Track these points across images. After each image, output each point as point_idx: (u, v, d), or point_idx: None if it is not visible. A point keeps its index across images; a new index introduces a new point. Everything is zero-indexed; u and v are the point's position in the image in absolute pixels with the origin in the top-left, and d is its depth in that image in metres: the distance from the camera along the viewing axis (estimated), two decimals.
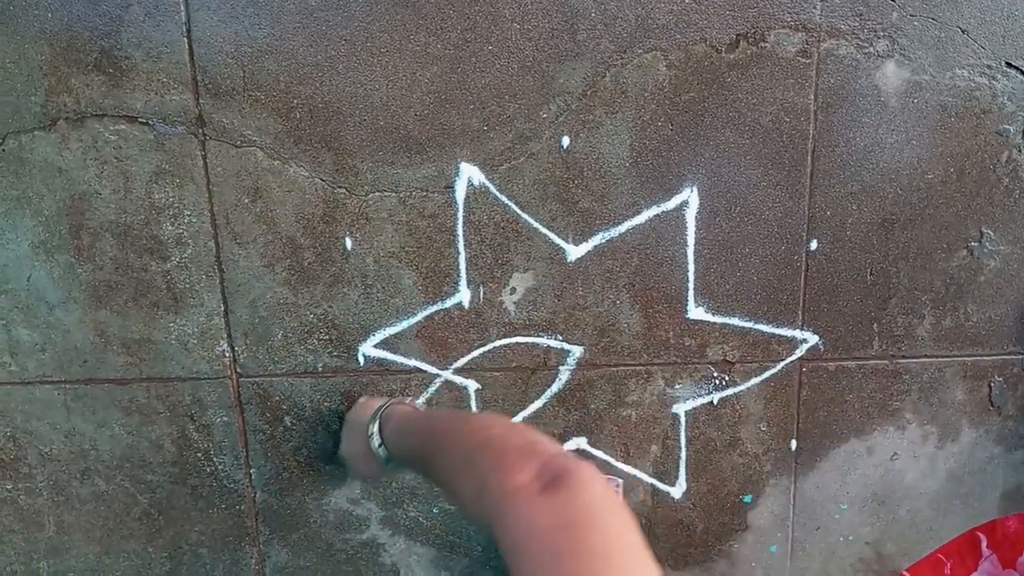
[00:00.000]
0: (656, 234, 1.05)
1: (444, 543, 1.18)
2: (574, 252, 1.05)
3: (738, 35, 0.98)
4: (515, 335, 1.08)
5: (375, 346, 1.07)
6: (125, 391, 1.08)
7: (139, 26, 0.94)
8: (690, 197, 1.04)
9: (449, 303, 1.06)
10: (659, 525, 1.18)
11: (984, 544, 0.89)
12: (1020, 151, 1.05)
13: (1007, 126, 1.03)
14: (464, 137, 0.99)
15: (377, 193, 1.01)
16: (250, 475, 1.12)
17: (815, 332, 1.10)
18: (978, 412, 1.16)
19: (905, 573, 0.92)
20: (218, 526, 1.15)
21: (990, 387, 1.15)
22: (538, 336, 1.08)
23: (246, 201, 1.00)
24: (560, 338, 1.08)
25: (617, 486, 1.04)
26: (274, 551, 1.17)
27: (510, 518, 0.56)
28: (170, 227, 1.01)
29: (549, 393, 1.11)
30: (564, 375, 1.10)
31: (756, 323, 1.09)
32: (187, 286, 1.03)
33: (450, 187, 1.01)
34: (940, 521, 1.18)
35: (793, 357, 1.12)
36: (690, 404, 1.13)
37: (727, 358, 1.11)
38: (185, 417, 1.09)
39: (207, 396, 1.08)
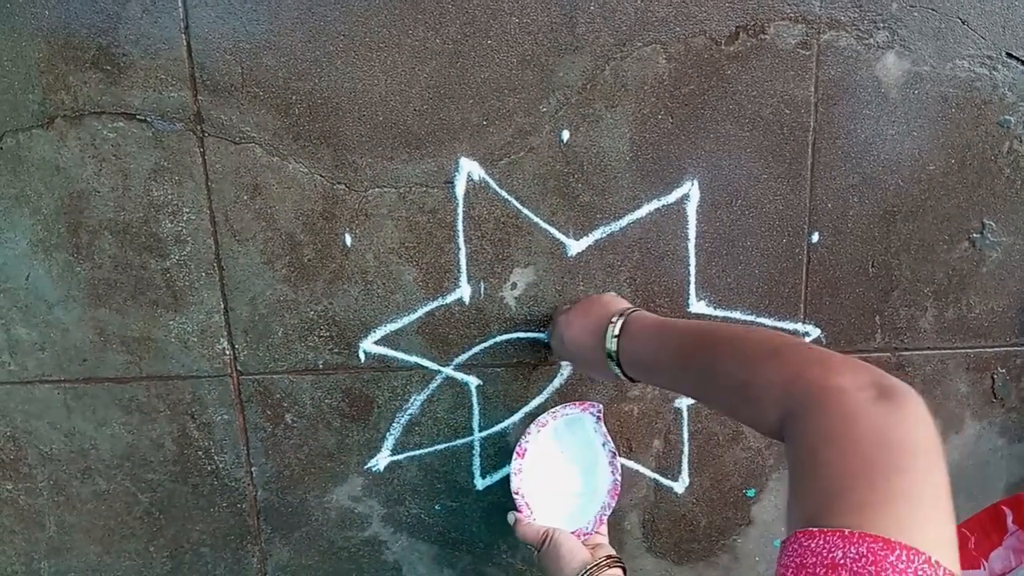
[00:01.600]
0: (657, 228, 1.04)
1: (447, 540, 1.17)
2: (575, 247, 1.05)
3: (738, 27, 0.98)
4: (516, 330, 1.07)
5: (376, 342, 1.07)
6: (125, 390, 1.07)
7: (137, 23, 0.93)
8: (691, 190, 1.03)
9: (450, 299, 1.05)
10: (662, 520, 1.18)
11: (1010, 519, 0.88)
12: (1021, 141, 1.04)
13: (1008, 117, 1.03)
14: (463, 132, 0.99)
15: (377, 189, 1.01)
16: (251, 473, 1.12)
17: (817, 325, 1.10)
18: (981, 404, 1.16)
19: None
20: (219, 524, 1.14)
21: (993, 379, 1.15)
22: (539, 331, 1.07)
23: (245, 198, 1.00)
24: None
25: (598, 410, 1.03)
26: (276, 549, 1.16)
27: (834, 407, 0.52)
28: (169, 224, 1.01)
29: (551, 388, 1.10)
30: (565, 370, 1.09)
31: (758, 316, 1.09)
32: (187, 284, 1.03)
33: (450, 182, 1.01)
34: None
35: None
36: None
37: None
38: (185, 415, 1.09)
39: (207, 394, 1.08)
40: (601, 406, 1.02)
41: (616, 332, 0.81)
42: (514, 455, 1.01)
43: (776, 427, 0.58)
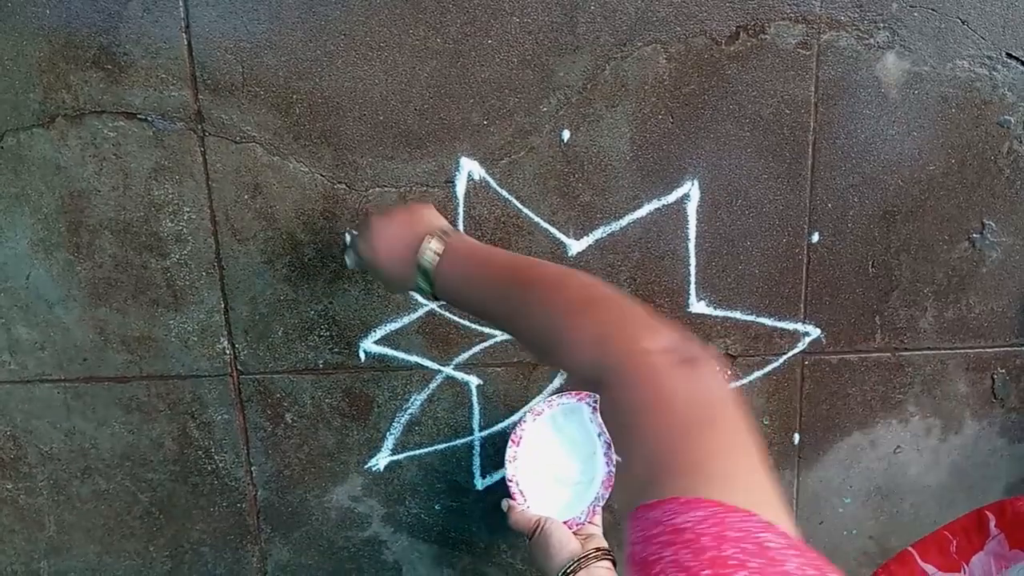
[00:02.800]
0: (657, 228, 1.04)
1: (446, 540, 1.17)
2: (575, 246, 1.05)
3: (738, 27, 0.98)
4: None
5: (376, 342, 1.07)
6: (125, 389, 1.07)
7: (137, 22, 0.93)
8: (691, 190, 1.03)
9: None
10: None
11: (992, 524, 0.88)
12: (1021, 142, 1.04)
13: (1008, 117, 1.03)
14: (464, 131, 0.99)
15: (377, 188, 1.01)
16: (251, 473, 1.12)
17: (817, 325, 1.10)
18: (981, 404, 1.16)
19: (911, 549, 0.92)
20: (219, 524, 1.14)
21: (993, 379, 1.15)
22: None
23: (246, 197, 1.00)
24: None
25: (595, 400, 1.03)
26: (275, 549, 1.16)
27: (643, 374, 0.55)
28: (169, 224, 1.01)
29: (550, 388, 1.10)
30: (558, 380, 1.09)
31: (758, 316, 1.09)
32: (187, 283, 1.03)
33: (450, 182, 1.01)
34: (944, 514, 1.18)
35: (795, 350, 1.11)
36: None
37: (729, 352, 1.11)
38: (186, 415, 1.09)
39: (208, 394, 1.08)
40: (597, 396, 1.02)
41: (436, 249, 0.78)
42: (509, 443, 1.01)
43: (585, 383, 0.61)
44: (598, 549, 0.92)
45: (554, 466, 1.04)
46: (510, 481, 1.00)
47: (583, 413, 1.02)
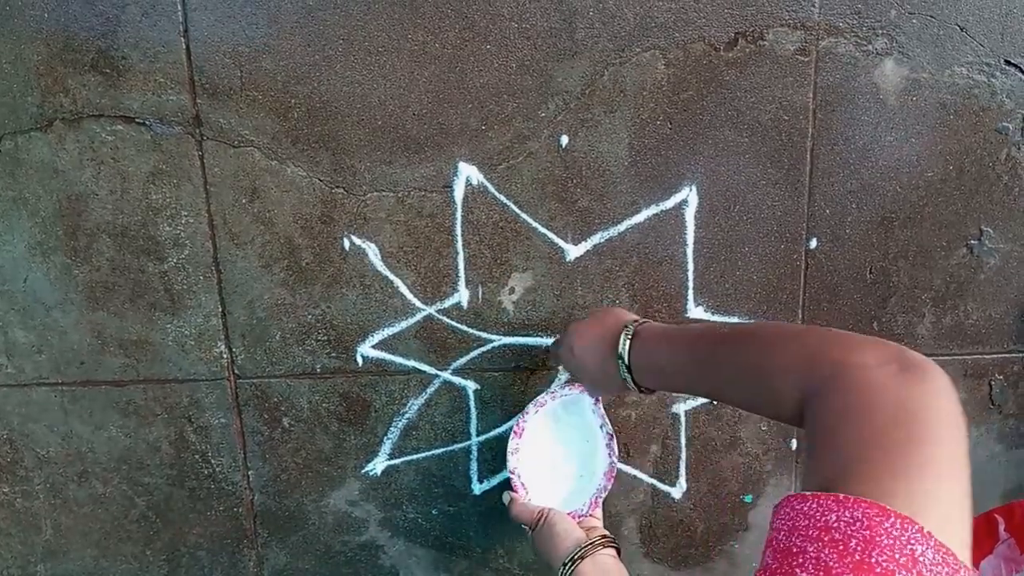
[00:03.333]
0: (655, 233, 1.04)
1: (443, 545, 1.17)
2: (573, 251, 1.05)
3: (737, 33, 0.98)
4: (514, 335, 1.07)
5: (373, 347, 1.07)
6: (122, 393, 1.07)
7: (136, 26, 0.93)
8: (689, 196, 1.03)
9: (448, 303, 1.05)
10: (659, 525, 1.18)
11: (1002, 527, 0.87)
12: (1019, 149, 1.04)
13: (1006, 123, 1.03)
14: (462, 136, 0.99)
15: (375, 193, 1.01)
16: (248, 477, 1.12)
17: None
18: (979, 410, 1.16)
19: None
20: (216, 528, 1.14)
21: (990, 385, 1.15)
22: (537, 336, 1.07)
23: (243, 201, 1.00)
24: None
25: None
26: (272, 553, 1.16)
27: (854, 382, 0.51)
28: (167, 228, 1.01)
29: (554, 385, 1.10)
30: (563, 375, 1.09)
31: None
32: (184, 287, 1.03)
33: (448, 187, 1.01)
34: None
35: None
36: (690, 404, 1.12)
37: None
38: (183, 419, 1.09)
39: (205, 398, 1.08)
40: None
41: (629, 337, 0.81)
42: (511, 435, 1.01)
43: (795, 409, 0.57)
44: (603, 536, 0.92)
45: (556, 458, 1.03)
46: (512, 473, 1.00)
47: (585, 405, 1.01)
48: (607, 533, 0.94)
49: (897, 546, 0.40)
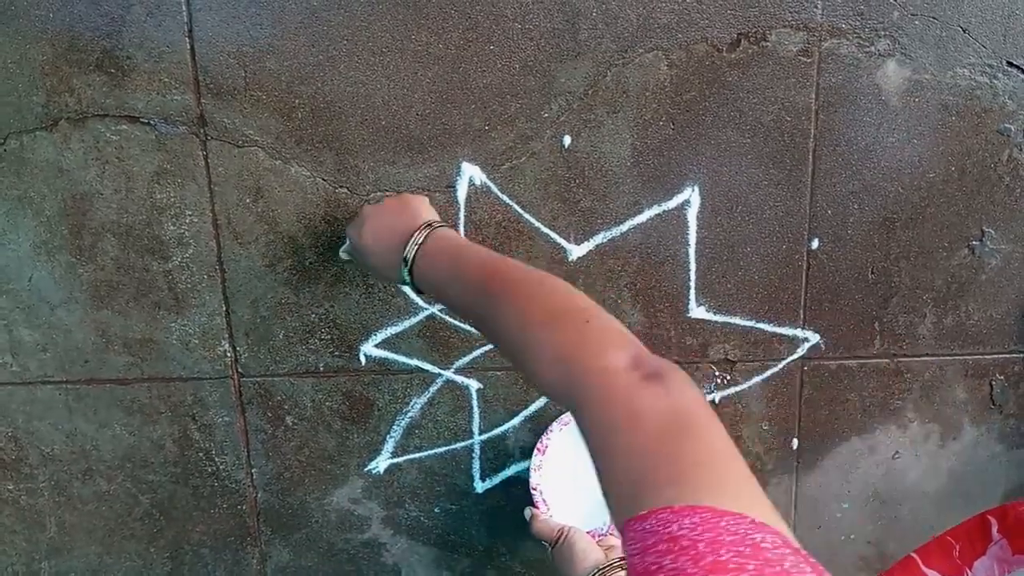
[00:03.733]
0: (657, 233, 1.05)
1: (446, 543, 1.18)
2: (576, 251, 1.05)
3: (739, 34, 0.98)
4: None
5: (376, 345, 1.07)
6: (127, 391, 1.08)
7: (141, 26, 0.94)
8: (691, 196, 1.04)
9: None
10: None
11: (995, 529, 0.88)
12: (1021, 150, 1.05)
13: (1008, 125, 1.03)
14: (465, 136, 1.00)
15: (379, 192, 1.01)
16: (251, 475, 1.12)
17: (816, 331, 1.10)
18: (980, 411, 1.16)
19: (913, 555, 0.92)
20: (219, 526, 1.15)
21: (991, 386, 1.15)
22: None
23: (247, 201, 1.00)
24: None
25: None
26: (275, 551, 1.17)
27: (609, 394, 0.56)
28: (171, 227, 1.01)
29: None
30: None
31: (757, 322, 1.10)
32: (188, 286, 1.04)
33: (451, 187, 1.01)
34: (942, 520, 1.18)
35: (794, 356, 1.12)
36: None
37: (728, 357, 1.11)
38: (187, 417, 1.09)
39: (209, 396, 1.08)
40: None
41: (418, 243, 0.81)
42: (535, 451, 1.01)
43: (560, 399, 0.62)
44: (622, 559, 0.92)
45: (578, 476, 1.04)
46: (534, 490, 1.01)
47: None
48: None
49: (739, 540, 0.42)
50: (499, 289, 0.71)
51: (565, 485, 1.03)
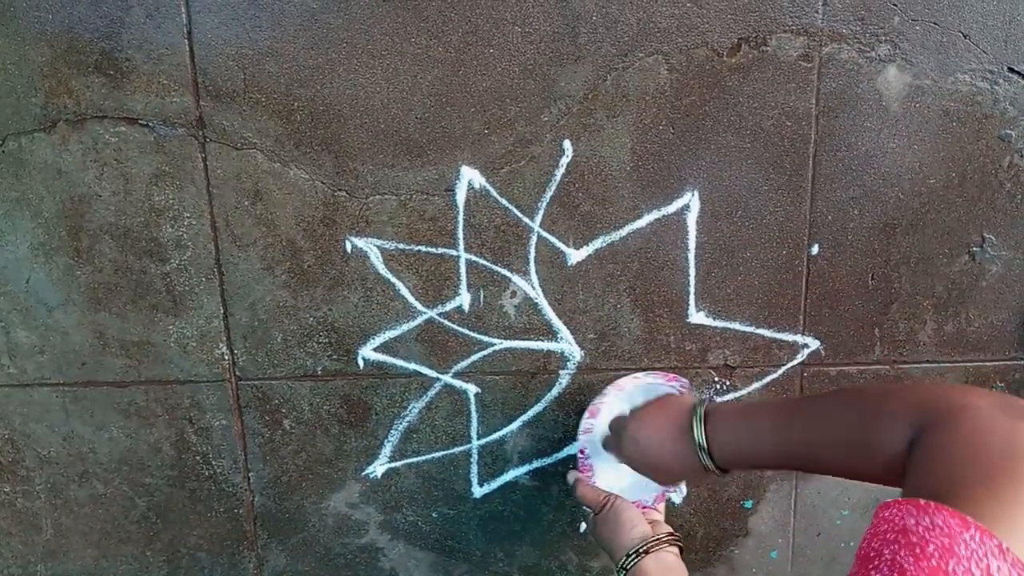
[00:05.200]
0: (657, 238, 1.04)
1: (443, 548, 1.17)
2: (575, 256, 1.05)
3: (740, 39, 0.98)
4: (515, 339, 1.07)
5: (375, 349, 1.07)
6: (124, 394, 1.07)
7: (140, 28, 0.94)
8: (691, 201, 1.03)
9: (449, 307, 1.05)
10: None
11: None
12: (1022, 156, 1.04)
13: (1009, 131, 1.03)
14: (465, 140, 0.99)
15: (377, 196, 1.01)
16: (248, 479, 1.12)
17: (816, 337, 1.10)
18: None
19: None
20: (216, 530, 1.14)
21: None
22: (538, 340, 1.07)
23: (246, 203, 1.00)
24: (560, 342, 1.08)
25: (684, 386, 1.00)
26: (272, 555, 1.16)
27: (966, 417, 0.53)
28: (170, 229, 1.01)
29: (549, 397, 1.10)
30: (564, 379, 1.09)
31: (757, 328, 1.09)
32: (186, 289, 1.03)
33: (450, 190, 1.01)
34: None
35: (794, 362, 1.11)
36: None
37: (728, 363, 1.10)
38: (184, 420, 1.09)
39: (206, 399, 1.08)
40: (687, 382, 0.98)
41: (701, 420, 0.78)
42: (586, 413, 0.98)
43: (903, 449, 0.57)
44: (670, 534, 0.90)
45: None
46: (581, 453, 0.99)
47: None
48: (672, 530, 0.92)
49: (975, 558, 0.41)
50: (817, 402, 0.69)
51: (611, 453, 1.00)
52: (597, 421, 0.99)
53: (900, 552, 0.41)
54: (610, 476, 0.99)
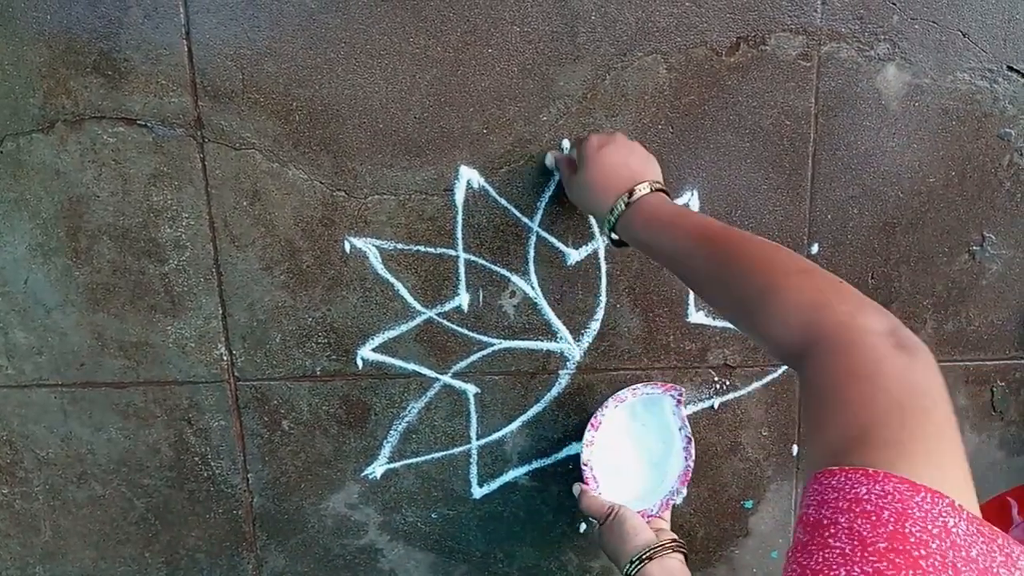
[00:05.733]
0: None
1: (443, 549, 1.17)
2: (574, 256, 1.04)
3: (739, 38, 0.98)
4: (515, 339, 1.07)
5: (374, 350, 1.06)
6: (122, 395, 1.07)
7: (138, 28, 0.93)
8: (690, 200, 1.03)
9: (448, 307, 1.05)
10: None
11: (1015, 511, 0.87)
12: (1021, 154, 1.04)
13: (1008, 130, 1.03)
14: (463, 140, 0.99)
15: (376, 196, 1.01)
16: (247, 480, 1.12)
17: None
18: (980, 417, 1.16)
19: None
20: (215, 531, 1.14)
21: (992, 392, 1.14)
22: (537, 340, 1.07)
23: (244, 204, 1.00)
24: (560, 342, 1.07)
25: (680, 394, 1.03)
26: (271, 556, 1.16)
27: (860, 346, 0.54)
28: (168, 230, 1.01)
29: (548, 397, 1.10)
30: (563, 379, 1.09)
31: None
32: (185, 289, 1.03)
33: (449, 190, 1.01)
34: None
35: None
36: (690, 408, 1.12)
37: (728, 362, 1.10)
38: (182, 421, 1.09)
39: (205, 400, 1.08)
40: (683, 389, 1.02)
41: (627, 200, 0.81)
42: (588, 426, 1.01)
43: (792, 348, 0.59)
44: (673, 540, 0.92)
45: (629, 454, 1.03)
46: (584, 465, 1.01)
47: (665, 405, 1.02)
48: (676, 537, 0.94)
49: (929, 518, 0.41)
50: (736, 240, 0.69)
51: (615, 463, 1.03)
52: (599, 434, 1.02)
53: (856, 520, 0.42)
54: (615, 487, 1.01)
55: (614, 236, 0.84)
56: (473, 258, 1.03)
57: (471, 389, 1.09)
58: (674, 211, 0.79)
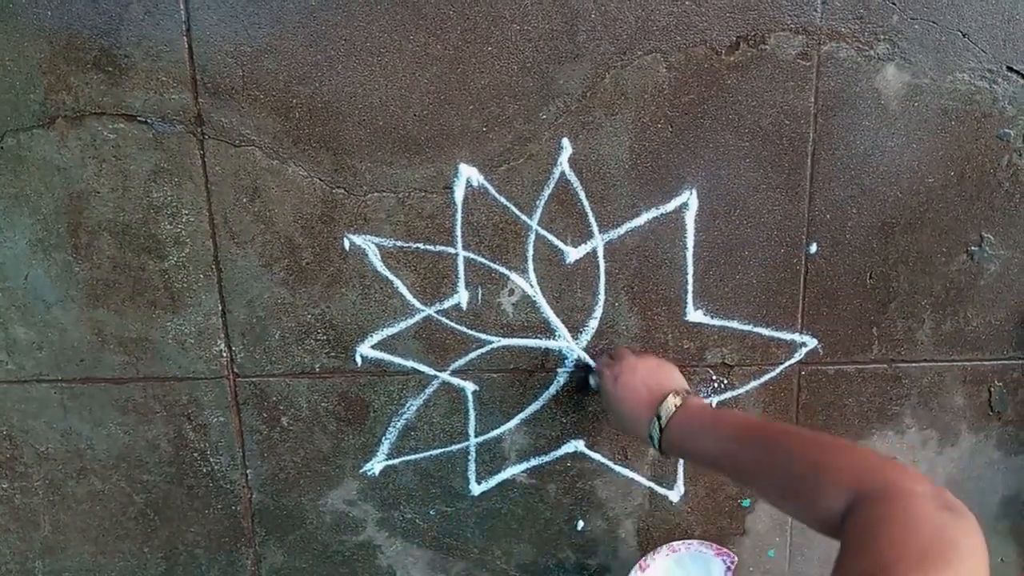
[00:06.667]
0: (655, 236, 1.04)
1: (441, 545, 1.17)
2: (572, 254, 1.05)
3: (738, 37, 0.98)
4: (513, 337, 1.07)
5: (372, 347, 1.07)
6: (122, 390, 1.07)
7: (139, 24, 0.94)
8: (689, 199, 1.03)
9: (447, 304, 1.05)
10: (656, 529, 1.18)
11: None
12: (1021, 155, 1.04)
13: (1008, 130, 1.03)
14: (463, 138, 0.99)
15: (376, 193, 1.01)
16: (246, 476, 1.12)
17: (814, 336, 1.10)
18: (978, 417, 1.16)
19: None
20: (214, 527, 1.14)
21: (990, 392, 1.14)
22: (536, 338, 1.07)
23: (244, 200, 1.00)
24: (558, 340, 1.08)
25: (732, 562, 1.10)
26: (270, 552, 1.16)
27: (902, 499, 0.58)
28: (168, 226, 1.01)
29: (547, 395, 1.10)
30: (562, 377, 1.09)
31: (755, 326, 1.09)
32: (185, 285, 1.03)
33: (449, 188, 1.01)
34: None
35: (792, 361, 1.11)
36: None
37: (726, 361, 1.10)
38: (182, 417, 1.09)
39: (204, 396, 1.08)
40: (736, 559, 1.09)
41: (676, 405, 0.87)
42: (636, 567, 1.08)
43: (835, 512, 0.62)
44: None
45: None
46: None
47: (714, 569, 1.07)
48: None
49: None
50: (778, 429, 0.76)
51: None
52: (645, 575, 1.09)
53: None
54: None
55: (658, 445, 0.89)
56: (472, 256, 1.04)
57: (470, 386, 1.10)
58: (709, 417, 0.85)
